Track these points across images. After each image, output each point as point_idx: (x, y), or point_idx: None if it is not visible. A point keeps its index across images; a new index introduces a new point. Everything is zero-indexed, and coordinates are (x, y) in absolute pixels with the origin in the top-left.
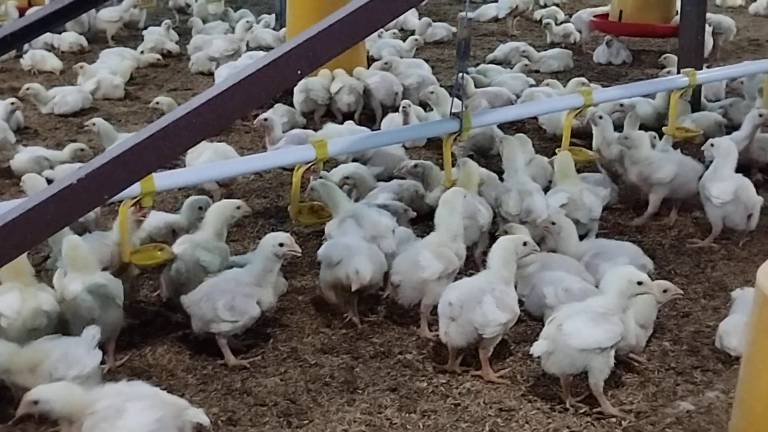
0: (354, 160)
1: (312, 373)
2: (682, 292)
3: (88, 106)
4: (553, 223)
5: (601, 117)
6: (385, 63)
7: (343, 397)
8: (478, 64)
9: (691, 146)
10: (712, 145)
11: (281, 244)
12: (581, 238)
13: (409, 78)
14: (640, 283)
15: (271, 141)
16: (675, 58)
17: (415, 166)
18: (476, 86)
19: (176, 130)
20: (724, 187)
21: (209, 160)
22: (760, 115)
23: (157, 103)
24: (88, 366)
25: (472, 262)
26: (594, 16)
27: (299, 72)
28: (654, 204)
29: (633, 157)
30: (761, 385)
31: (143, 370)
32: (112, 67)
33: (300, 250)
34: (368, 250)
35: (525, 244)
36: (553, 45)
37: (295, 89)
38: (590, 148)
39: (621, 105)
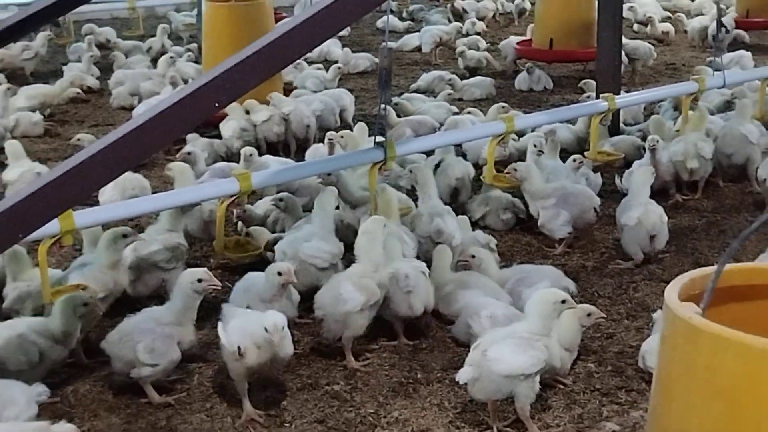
0: (279, 192)
1: (239, 408)
2: (605, 315)
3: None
4: (473, 256)
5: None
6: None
7: (270, 431)
8: (401, 93)
9: (612, 169)
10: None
11: (200, 280)
12: None
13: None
14: (563, 302)
15: (195, 175)
16: (594, 83)
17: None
18: (404, 113)
19: (92, 165)
20: (630, 214)
21: (113, 191)
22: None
23: (78, 139)
24: (25, 414)
25: None
26: (517, 44)
27: (217, 104)
28: (564, 243)
29: (526, 190)
30: (672, 403)
31: (65, 411)
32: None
33: (220, 284)
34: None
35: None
36: (472, 72)
37: (229, 132)
38: None
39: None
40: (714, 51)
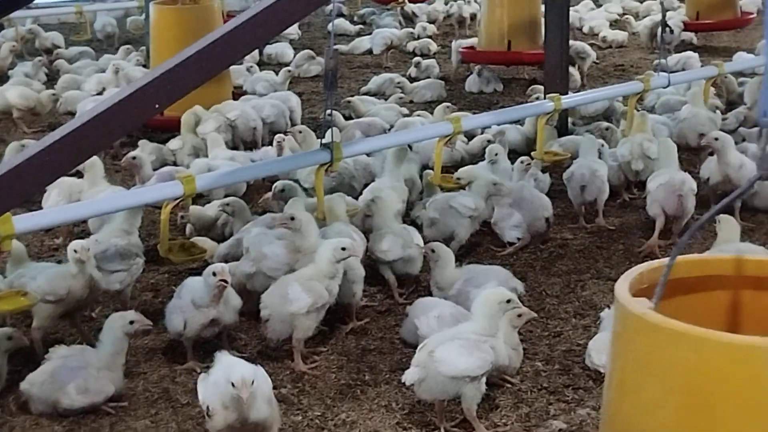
0: (226, 195)
1: (184, 414)
2: (535, 314)
3: None
4: (433, 251)
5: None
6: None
7: None
8: (352, 95)
9: (561, 169)
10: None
11: (131, 322)
12: None
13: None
14: (509, 302)
15: (141, 179)
16: (541, 88)
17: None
18: (355, 113)
19: (30, 168)
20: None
21: (58, 196)
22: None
23: (23, 145)
24: None
25: None
26: (462, 47)
27: (157, 105)
28: (516, 246)
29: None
30: (627, 400)
31: (6, 420)
32: None
33: (152, 324)
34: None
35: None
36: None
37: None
38: None
39: (489, 141)
40: (660, 52)
